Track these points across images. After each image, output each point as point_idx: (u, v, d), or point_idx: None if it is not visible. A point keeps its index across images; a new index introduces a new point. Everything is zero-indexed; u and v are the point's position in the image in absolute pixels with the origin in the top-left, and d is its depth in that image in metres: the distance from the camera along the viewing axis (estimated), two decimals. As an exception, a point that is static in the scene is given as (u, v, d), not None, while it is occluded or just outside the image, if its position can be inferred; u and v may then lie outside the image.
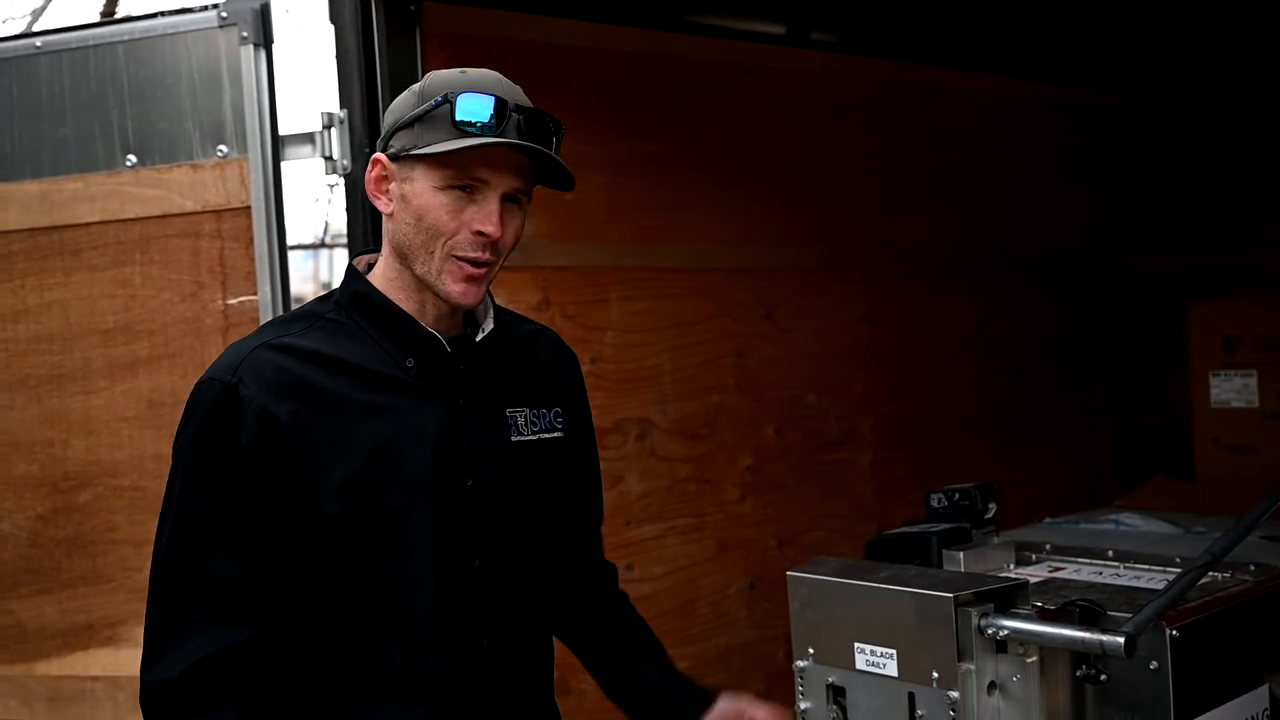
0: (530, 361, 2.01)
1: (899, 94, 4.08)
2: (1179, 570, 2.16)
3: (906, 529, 2.60)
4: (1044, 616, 2.02)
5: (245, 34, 2.80)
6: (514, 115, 1.79)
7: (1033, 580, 2.26)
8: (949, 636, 1.98)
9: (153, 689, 1.77)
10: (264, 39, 2.82)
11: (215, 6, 2.83)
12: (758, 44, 3.74)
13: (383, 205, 1.84)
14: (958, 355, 4.27)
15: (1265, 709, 2.20)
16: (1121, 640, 1.88)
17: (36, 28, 9.06)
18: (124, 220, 2.87)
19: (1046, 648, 2.01)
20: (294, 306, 2.95)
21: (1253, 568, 2.35)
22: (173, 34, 2.85)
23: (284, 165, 2.87)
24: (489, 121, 1.76)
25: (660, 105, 3.50)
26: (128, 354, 2.88)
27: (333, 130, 2.88)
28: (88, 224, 2.89)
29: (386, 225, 1.86)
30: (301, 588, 1.82)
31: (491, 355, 1.92)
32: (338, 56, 2.91)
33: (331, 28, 2.91)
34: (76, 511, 2.92)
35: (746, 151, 3.69)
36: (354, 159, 2.89)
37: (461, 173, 1.78)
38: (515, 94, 1.84)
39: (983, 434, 4.29)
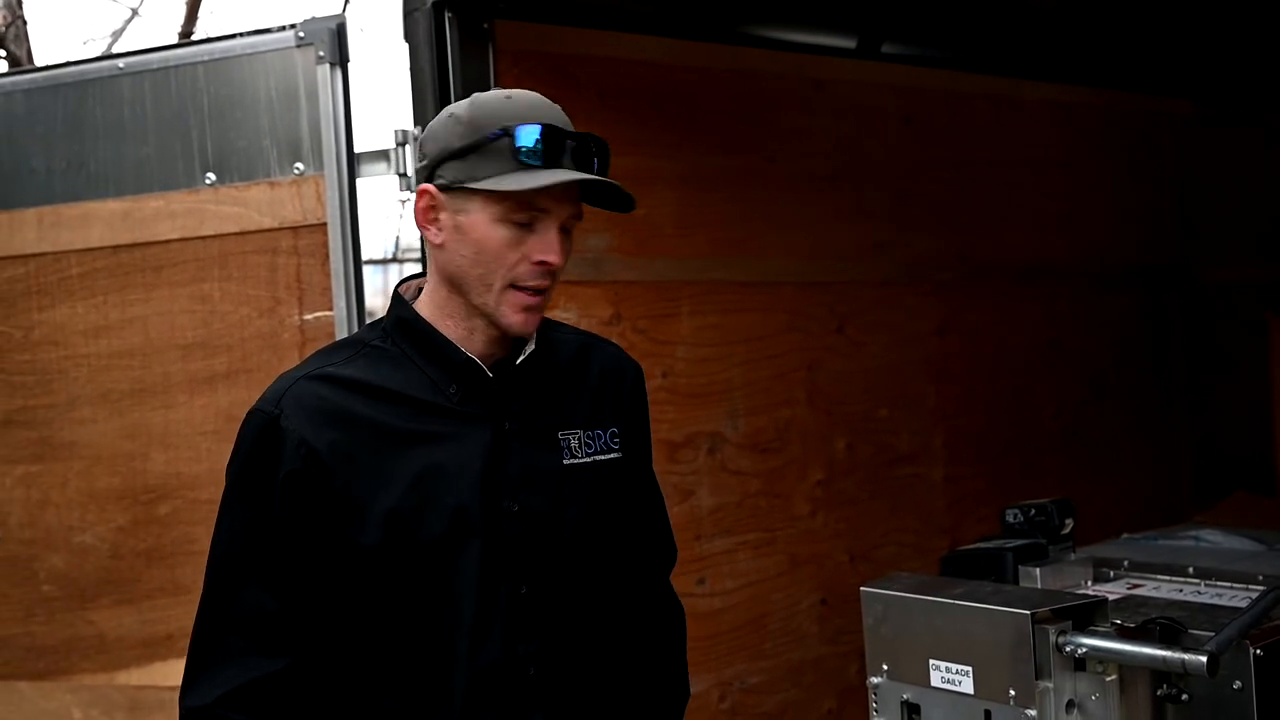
0: (583, 380, 1.95)
1: (972, 105, 4.04)
2: (1262, 588, 2.11)
3: (982, 544, 2.57)
4: (1123, 634, 1.99)
5: (322, 53, 2.84)
6: (569, 143, 1.76)
7: (1111, 597, 2.23)
8: (1026, 654, 1.95)
9: (188, 715, 1.79)
10: (340, 58, 2.86)
11: (293, 27, 2.88)
12: (829, 57, 3.73)
13: (432, 236, 1.80)
14: (1032, 368, 4.22)
15: (1353, 731, 2.15)
16: (1204, 659, 1.85)
17: (116, 48, 9.28)
18: (203, 237, 2.93)
19: (1126, 666, 1.98)
20: (369, 321, 2.99)
21: (1340, 586, 2.29)
22: (251, 54, 2.91)
23: (360, 182, 2.92)
24: (553, 153, 1.73)
25: (732, 119, 3.50)
26: (206, 369, 2.93)
27: (407, 147, 2.92)
28: (168, 241, 2.95)
29: (436, 255, 1.82)
30: (341, 615, 1.81)
31: (538, 377, 1.89)
32: (411, 74, 2.94)
33: (406, 46, 2.95)
34: (156, 524, 2.97)
35: (818, 165, 3.68)
36: (427, 176, 2.92)
37: (523, 205, 1.75)
38: (562, 117, 1.81)
39: (1058, 448, 4.23)
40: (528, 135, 1.72)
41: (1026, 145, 4.18)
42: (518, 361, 1.86)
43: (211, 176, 2.93)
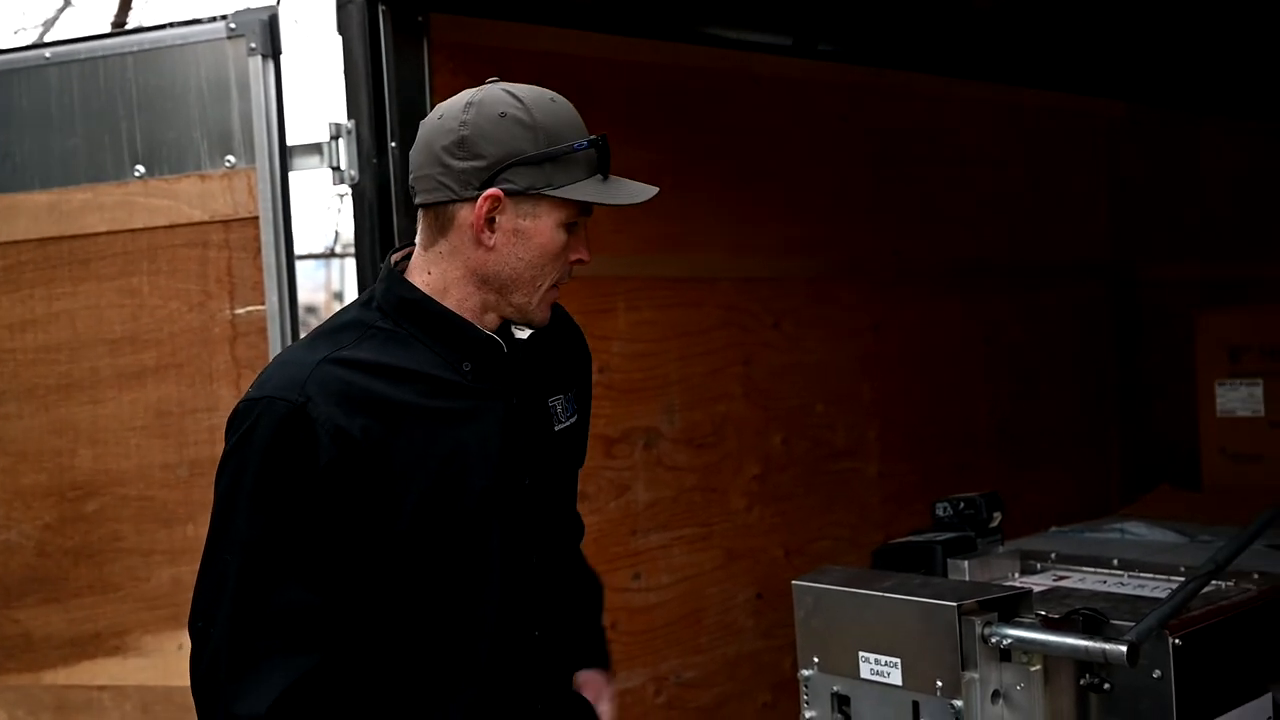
0: (554, 347, 2.01)
1: (907, 104, 4.08)
2: (1183, 579, 2.16)
3: (912, 538, 2.60)
4: (1048, 625, 2.02)
5: (254, 45, 2.81)
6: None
7: (1037, 589, 2.27)
8: (953, 645, 1.98)
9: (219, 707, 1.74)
10: (272, 50, 2.83)
11: (224, 18, 2.84)
12: (765, 54, 3.75)
13: (485, 239, 1.80)
14: (966, 364, 4.27)
15: (1269, 717, 2.19)
16: (1124, 649, 1.88)
17: (48, 38, 9.12)
18: (132, 230, 2.89)
19: (1050, 656, 2.02)
20: (301, 317, 2.97)
21: (1256, 576, 2.34)
22: (182, 45, 2.87)
23: (292, 175, 2.89)
24: (608, 162, 1.83)
25: (670, 116, 3.50)
26: (135, 364, 2.89)
27: (340, 141, 2.90)
28: (96, 234, 2.91)
29: (472, 254, 1.82)
30: (368, 598, 1.80)
31: (532, 349, 1.95)
32: (345, 67, 2.92)
33: (339, 38, 2.93)
34: (83, 521, 2.93)
35: (754, 162, 3.70)
36: (361, 169, 2.91)
37: (581, 210, 1.83)
38: None
39: (990, 443, 4.29)
40: (604, 148, 1.82)
41: (961, 144, 4.22)
42: (522, 337, 1.92)
43: (140, 169, 2.89)
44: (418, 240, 1.89)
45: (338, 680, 1.77)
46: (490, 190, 1.78)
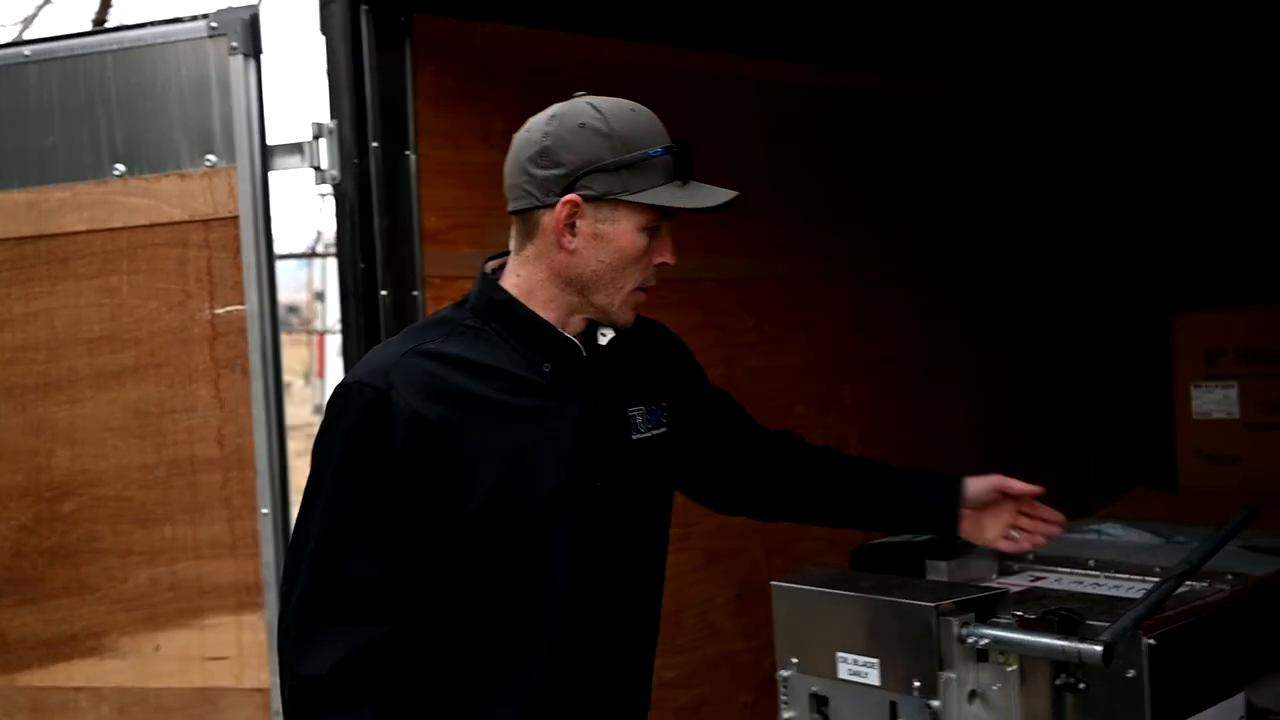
0: (641, 358, 2.08)
1: (889, 107, 4.09)
2: (1158, 579, 2.17)
3: (891, 539, 2.61)
4: (1024, 625, 2.04)
5: (235, 44, 2.81)
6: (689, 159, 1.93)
7: (1014, 590, 2.28)
8: (930, 645, 2.00)
9: (305, 682, 1.84)
10: (253, 49, 2.83)
11: (205, 17, 2.84)
12: (754, 58, 3.75)
13: (566, 242, 1.90)
14: (946, 366, 4.29)
15: (1242, 716, 2.21)
16: (1099, 649, 1.90)
17: (27, 36, 9.07)
18: (111, 229, 2.89)
19: (1026, 657, 2.03)
20: (283, 317, 2.96)
21: (1230, 577, 2.36)
22: (162, 43, 2.87)
23: (273, 175, 2.89)
24: (690, 170, 1.91)
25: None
26: (114, 363, 2.89)
27: (322, 140, 2.89)
28: (75, 233, 2.90)
29: (556, 257, 1.91)
30: (437, 580, 1.89)
31: (614, 357, 2.00)
32: (327, 67, 2.92)
33: (322, 38, 2.93)
34: (60, 521, 2.92)
35: (737, 162, 3.70)
36: (343, 169, 2.90)
37: (661, 215, 1.91)
38: None
39: (969, 444, 4.30)
40: (684, 155, 1.91)
41: (941, 147, 4.24)
42: (603, 343, 1.98)
43: (120, 168, 2.88)
44: (511, 246, 1.99)
45: (402, 655, 1.86)
46: (569, 196, 1.88)
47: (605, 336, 1.99)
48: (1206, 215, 4.45)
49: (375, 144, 2.91)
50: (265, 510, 2.84)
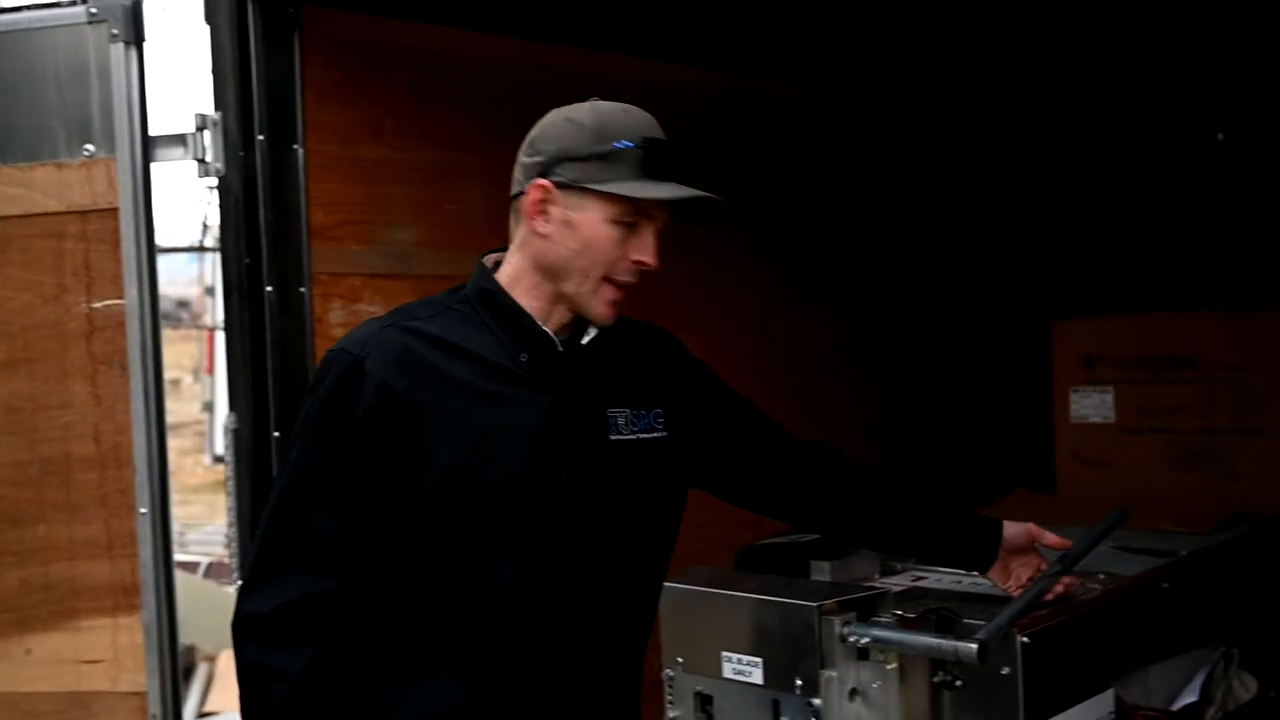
0: (633, 363, 2.10)
1: (776, 111, 4.14)
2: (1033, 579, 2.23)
3: (777, 539, 2.64)
4: (904, 625, 2.07)
5: (115, 31, 2.74)
6: (682, 161, 1.97)
7: (895, 589, 2.32)
8: (812, 645, 2.03)
9: (245, 619, 1.93)
10: (135, 37, 2.76)
11: (85, 2, 2.76)
12: (646, 59, 3.76)
13: (539, 226, 1.96)
14: (836, 369, 4.34)
15: (1110, 712, 2.28)
16: (974, 647, 1.94)
17: (-99, 18, 8.72)
18: (-17, 219, 2.79)
19: (906, 655, 2.07)
20: (172, 311, 2.89)
21: (1102, 576, 2.44)
22: (39, 29, 2.78)
23: (157, 167, 2.82)
24: (677, 170, 1.94)
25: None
26: (-15, 357, 2.79)
27: (206, 132, 2.83)
28: (-55, 222, 2.80)
29: (535, 243, 1.97)
30: (393, 549, 1.94)
31: (596, 357, 2.03)
32: (212, 58, 2.86)
33: (207, 28, 2.87)
34: (-71, 519, 2.82)
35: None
36: (228, 162, 2.85)
37: (635, 210, 1.93)
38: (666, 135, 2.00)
39: (857, 447, 4.32)
40: (657, 150, 1.94)
41: (826, 151, 4.29)
42: (584, 341, 2.02)
43: (-7, 155, 2.79)
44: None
45: (349, 612, 1.93)
46: (540, 180, 1.95)
47: (589, 335, 2.02)
48: (1088, 224, 4.57)
49: (261, 137, 2.86)
50: (144, 510, 2.77)
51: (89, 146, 2.76)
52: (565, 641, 1.99)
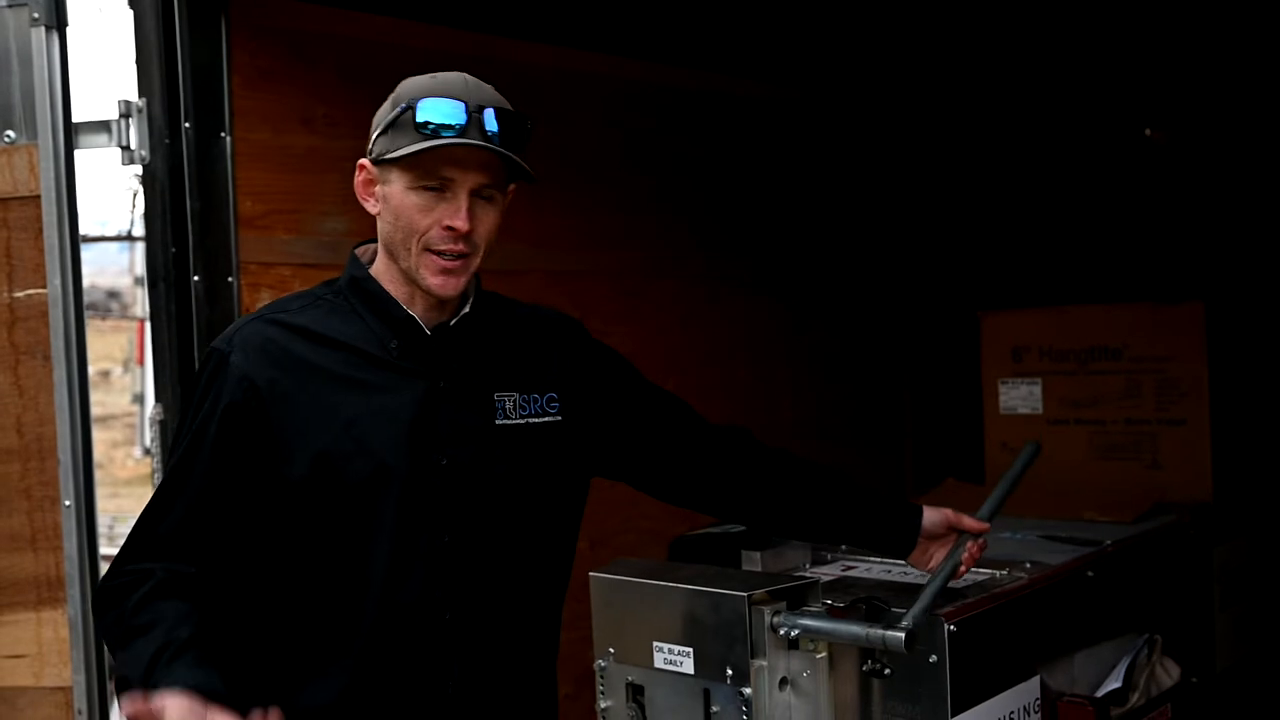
0: (522, 346, 2.09)
1: (709, 104, 4.14)
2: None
3: (710, 530, 2.65)
4: (833, 614, 2.09)
5: (36, 15, 2.68)
6: (476, 115, 1.89)
7: (825, 578, 2.34)
8: (742, 634, 2.03)
9: (100, 590, 1.97)
10: (57, 21, 2.70)
11: (5, -15, 2.70)
12: (577, 50, 3.75)
13: (370, 207, 1.99)
14: (772, 360, 4.36)
15: (1036, 699, 2.32)
16: (902, 636, 1.96)
17: None
18: (-100, 206, 2.72)
19: (836, 644, 2.08)
20: (101, 301, 2.84)
21: (1028, 565, 2.47)
22: (-43, 12, 2.72)
23: (81, 154, 2.77)
24: (450, 123, 1.88)
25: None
26: (-98, 348, 2.73)
27: (130, 119, 2.79)
28: None
29: (378, 224, 1.99)
30: (267, 542, 1.95)
31: (474, 340, 2.02)
32: (137, 44, 2.82)
33: (131, 13, 2.82)
34: None
35: (563, 155, 3.70)
36: (153, 149, 2.81)
37: (429, 173, 1.90)
38: (481, 94, 1.95)
39: (793, 437, 4.39)
40: (425, 108, 1.88)
41: (762, 144, 4.30)
42: (451, 323, 2.00)
43: (-90, 141, 2.72)
44: None
45: (210, 595, 1.92)
46: (361, 160, 1.98)
47: (455, 317, 2.01)
48: (1016, 217, 4.63)
49: (188, 124, 2.82)
50: (68, 502, 2.72)
51: (10, 133, 2.70)
52: (451, 633, 1.98)
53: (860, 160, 4.65)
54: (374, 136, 1.96)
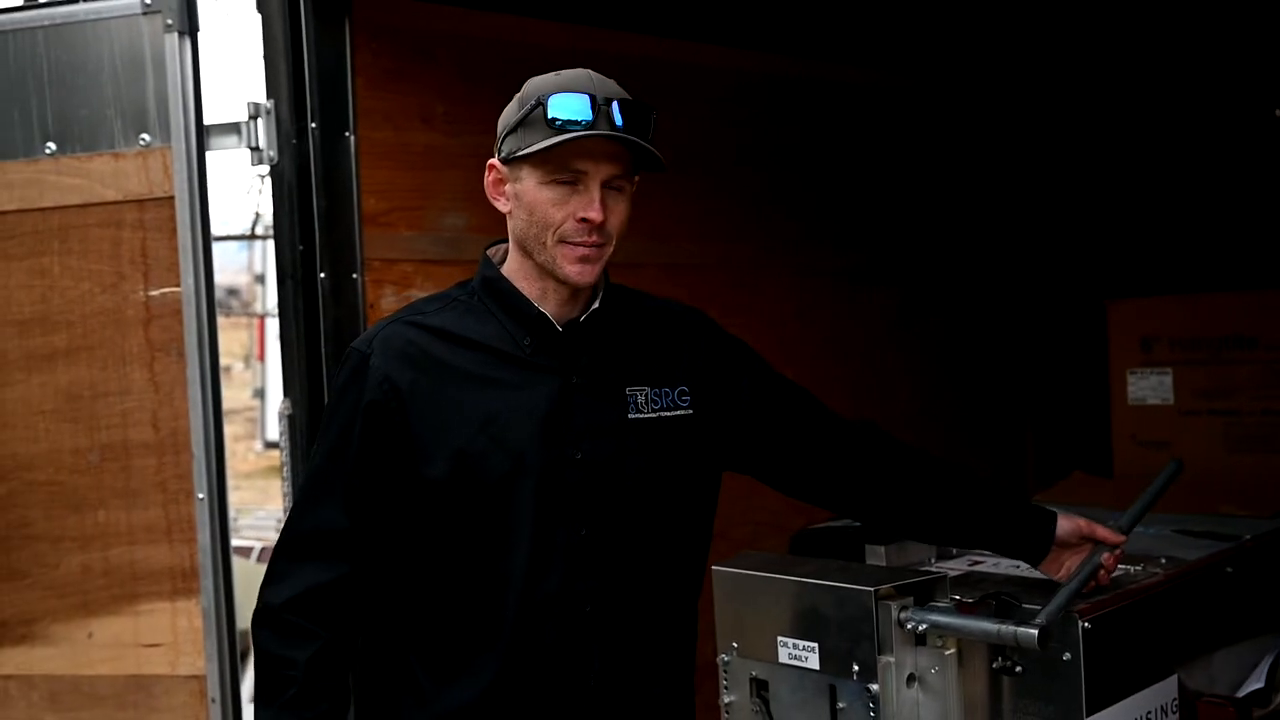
0: (651, 340, 2.11)
1: (824, 93, 4.10)
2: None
3: (832, 523, 2.62)
4: (962, 610, 2.05)
5: (170, 21, 2.76)
6: (604, 108, 1.92)
7: (952, 574, 2.30)
8: (869, 630, 2.01)
9: (261, 611, 2.01)
10: (189, 26, 2.78)
11: (138, -8, 2.78)
12: (697, 43, 3.74)
13: (501, 205, 2.02)
14: (887, 351, 4.31)
15: (1174, 699, 2.25)
16: (1035, 632, 1.92)
17: (-43, 11, 8.83)
18: (43, 209, 2.82)
19: (964, 640, 2.05)
20: (222, 299, 2.92)
21: (1164, 561, 2.40)
22: (95, 20, 2.81)
23: (211, 155, 2.84)
24: (579, 118, 1.91)
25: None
26: (45, 346, 2.83)
27: (259, 121, 2.85)
28: (4, 212, 2.83)
29: (509, 222, 2.02)
30: (409, 542, 2.00)
31: (606, 336, 2.05)
32: (264, 46, 2.88)
33: (259, 17, 2.88)
34: (-9, 506, 2.86)
35: (681, 149, 3.69)
36: (280, 150, 2.87)
37: (561, 167, 1.93)
38: (606, 88, 1.97)
39: (910, 430, 4.31)
40: (555, 104, 1.91)
41: (882, 136, 4.25)
42: (581, 319, 2.02)
43: (52, 146, 2.82)
44: None
45: (364, 600, 2.00)
46: (491, 160, 2.02)
47: (586, 313, 2.03)
48: (1144, 203, 4.51)
49: (314, 125, 2.88)
50: (201, 495, 2.80)
51: (145, 136, 2.78)
52: (592, 625, 1.99)
53: (979, 147, 4.56)
54: (502, 136, 1.99)
